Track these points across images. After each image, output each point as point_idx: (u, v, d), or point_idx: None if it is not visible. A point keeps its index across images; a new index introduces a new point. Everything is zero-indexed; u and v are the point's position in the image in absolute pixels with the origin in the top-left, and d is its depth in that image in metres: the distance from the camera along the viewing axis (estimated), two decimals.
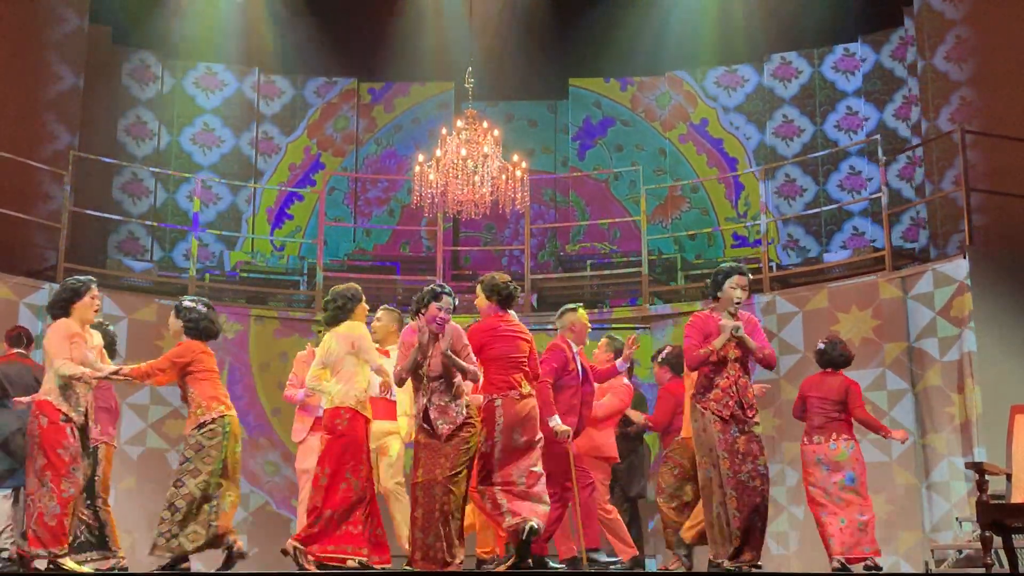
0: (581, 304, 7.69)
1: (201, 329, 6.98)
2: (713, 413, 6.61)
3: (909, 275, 9.39)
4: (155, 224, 12.45)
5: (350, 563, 6.69)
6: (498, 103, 14.32)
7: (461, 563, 6.46)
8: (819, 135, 13.15)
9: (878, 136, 11.42)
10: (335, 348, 6.96)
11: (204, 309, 7.01)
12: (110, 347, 7.45)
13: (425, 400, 6.54)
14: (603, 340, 8.21)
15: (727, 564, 6.51)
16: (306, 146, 14.03)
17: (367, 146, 14.23)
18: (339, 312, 7.06)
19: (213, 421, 6.76)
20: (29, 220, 10.19)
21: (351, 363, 6.92)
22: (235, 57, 13.61)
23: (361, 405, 6.88)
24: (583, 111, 14.16)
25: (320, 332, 7.49)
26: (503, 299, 6.97)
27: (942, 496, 8.81)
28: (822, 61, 13.27)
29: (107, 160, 11.93)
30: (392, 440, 7.70)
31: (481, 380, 6.80)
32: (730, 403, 6.62)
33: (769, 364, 6.79)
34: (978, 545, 6.55)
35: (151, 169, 12.61)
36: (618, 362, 7.82)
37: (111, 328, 7.74)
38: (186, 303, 7.03)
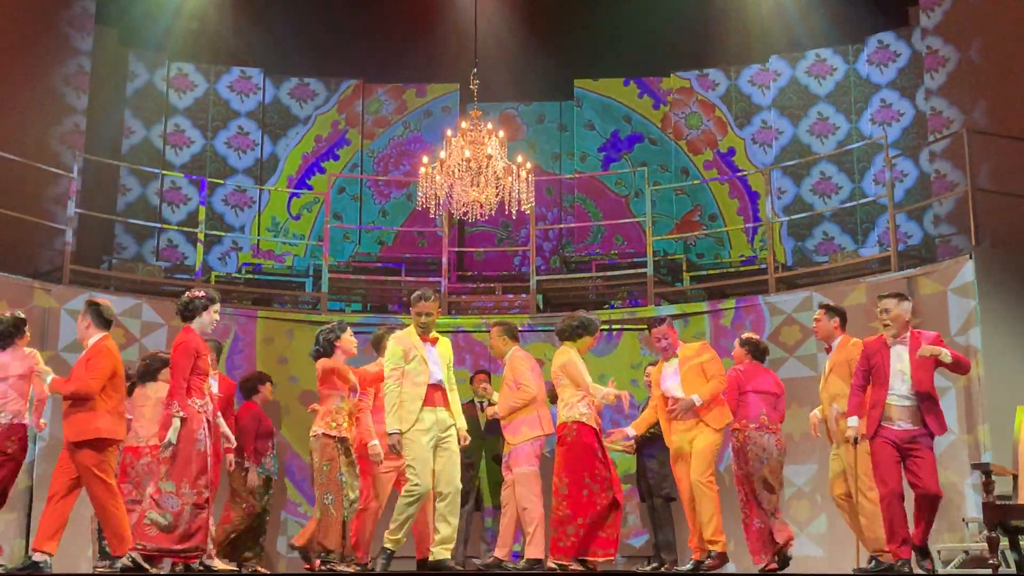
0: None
1: None
2: None
3: (948, 267, 9.15)
4: (161, 225, 12.48)
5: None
6: (531, 103, 14.33)
7: None
8: (854, 132, 12.95)
9: (885, 136, 11.28)
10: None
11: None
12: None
13: None
14: None
15: None
16: (334, 120, 14.09)
17: (395, 127, 14.22)
18: (575, 332, 7.73)
19: None
20: (35, 222, 10.26)
21: (567, 380, 7.61)
22: (271, 62, 13.78)
23: (586, 416, 7.45)
24: (613, 124, 14.05)
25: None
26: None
27: None
28: (857, 57, 13.08)
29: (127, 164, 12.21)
30: None
31: None
32: None
33: None
34: (984, 545, 6.45)
35: (154, 170, 12.65)
36: None
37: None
38: None
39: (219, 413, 7.42)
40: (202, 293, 7.01)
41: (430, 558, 7.08)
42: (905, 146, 12.43)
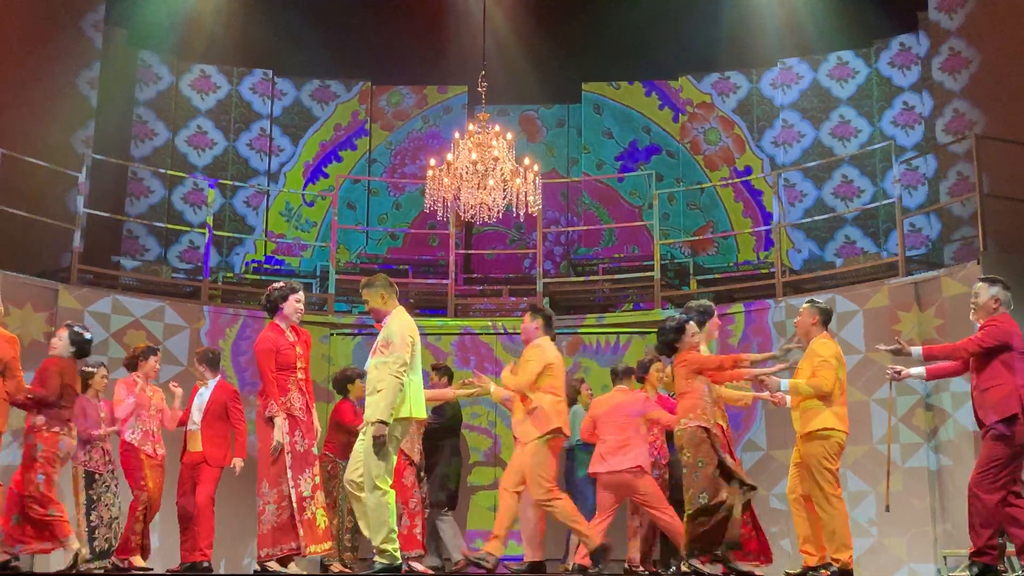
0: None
1: None
2: None
3: (971, 269, 9.02)
4: (166, 225, 12.45)
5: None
6: (552, 106, 14.33)
7: None
8: (877, 135, 12.86)
9: (893, 140, 11.25)
10: None
11: None
12: None
13: None
14: None
15: None
16: (354, 110, 14.13)
17: (414, 121, 14.28)
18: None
19: None
20: (44, 222, 10.27)
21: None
22: (290, 65, 13.85)
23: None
24: (632, 133, 14.02)
25: None
26: None
27: None
28: (878, 58, 12.99)
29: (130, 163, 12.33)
30: None
31: None
32: None
33: None
34: None
35: (159, 170, 12.64)
36: None
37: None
38: None
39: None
40: (280, 284, 6.83)
41: None
42: (922, 148, 12.34)
